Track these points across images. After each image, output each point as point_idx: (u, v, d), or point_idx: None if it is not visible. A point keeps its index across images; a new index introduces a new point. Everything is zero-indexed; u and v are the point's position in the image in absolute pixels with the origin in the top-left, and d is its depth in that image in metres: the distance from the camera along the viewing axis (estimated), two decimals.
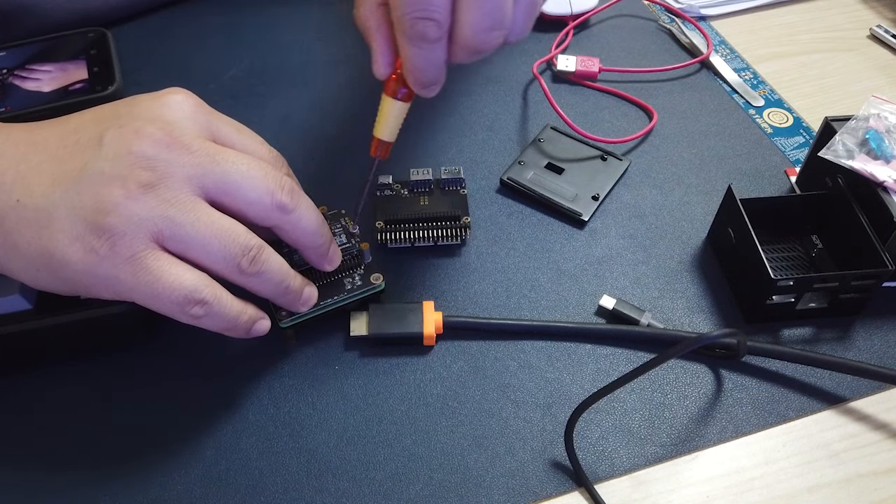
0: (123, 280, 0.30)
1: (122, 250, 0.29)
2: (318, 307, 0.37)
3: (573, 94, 0.52)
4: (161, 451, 0.35)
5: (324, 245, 0.35)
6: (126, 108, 0.32)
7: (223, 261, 0.31)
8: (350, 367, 0.38)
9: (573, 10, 0.56)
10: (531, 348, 0.39)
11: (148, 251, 0.29)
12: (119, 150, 0.30)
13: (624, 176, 0.47)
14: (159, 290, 0.30)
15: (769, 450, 0.35)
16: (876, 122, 0.41)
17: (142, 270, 0.29)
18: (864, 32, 0.57)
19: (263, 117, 0.50)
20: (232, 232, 0.31)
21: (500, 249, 0.43)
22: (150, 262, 0.29)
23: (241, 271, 0.31)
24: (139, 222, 0.29)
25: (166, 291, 0.30)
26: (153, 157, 0.30)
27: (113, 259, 0.29)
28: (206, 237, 0.30)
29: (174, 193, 0.30)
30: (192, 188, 0.30)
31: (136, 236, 0.29)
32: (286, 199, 0.32)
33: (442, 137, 0.49)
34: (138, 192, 0.29)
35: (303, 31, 0.57)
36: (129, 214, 0.29)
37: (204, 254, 0.31)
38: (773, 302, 0.38)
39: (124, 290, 0.30)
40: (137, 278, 0.29)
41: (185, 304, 0.30)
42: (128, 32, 0.55)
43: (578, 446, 0.35)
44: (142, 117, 0.31)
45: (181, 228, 0.30)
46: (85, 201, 0.29)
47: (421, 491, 0.34)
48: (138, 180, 0.29)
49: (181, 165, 0.30)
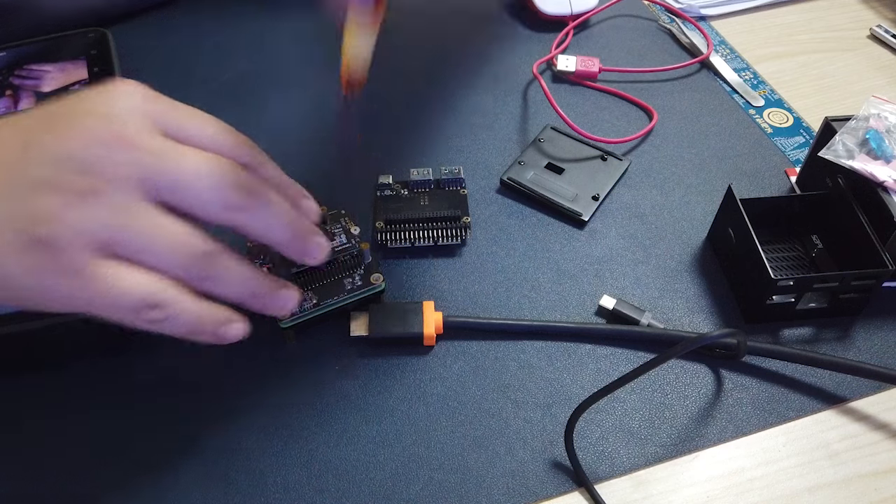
0: (73, 293, 0.27)
1: (66, 263, 0.26)
2: (319, 307, 0.37)
3: (573, 94, 0.52)
4: (161, 450, 0.35)
5: (295, 241, 0.32)
6: (66, 105, 0.29)
7: (176, 268, 0.28)
8: (350, 367, 0.38)
9: (573, 10, 0.56)
10: (531, 348, 0.39)
11: (94, 261, 0.27)
12: (55, 152, 0.27)
13: (624, 176, 0.47)
14: (112, 299, 0.27)
15: (769, 450, 0.35)
16: (876, 122, 0.41)
17: (91, 281, 0.27)
18: (864, 32, 0.57)
19: (263, 117, 0.50)
20: (181, 237, 0.28)
21: (500, 249, 0.43)
22: (98, 271, 0.27)
23: (196, 278, 0.29)
24: (80, 232, 0.26)
25: (119, 299, 0.27)
26: (90, 159, 0.27)
27: (58, 272, 0.27)
28: (155, 244, 0.28)
29: (116, 198, 0.27)
30: (137, 190, 0.27)
31: (79, 247, 0.26)
32: (240, 199, 0.29)
33: (442, 137, 0.49)
34: (76, 199, 0.26)
35: (302, 32, 0.57)
36: (69, 224, 0.26)
37: (155, 261, 0.28)
38: (773, 302, 0.38)
39: (78, 304, 0.28)
40: (87, 290, 0.27)
41: (141, 309, 0.28)
42: (128, 32, 0.55)
43: (578, 446, 0.35)
44: (81, 114, 0.28)
45: (126, 236, 0.27)
46: (20, 211, 0.26)
47: (421, 491, 0.34)
48: (75, 187, 0.27)
49: (123, 165, 0.27)
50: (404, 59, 0.54)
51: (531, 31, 0.57)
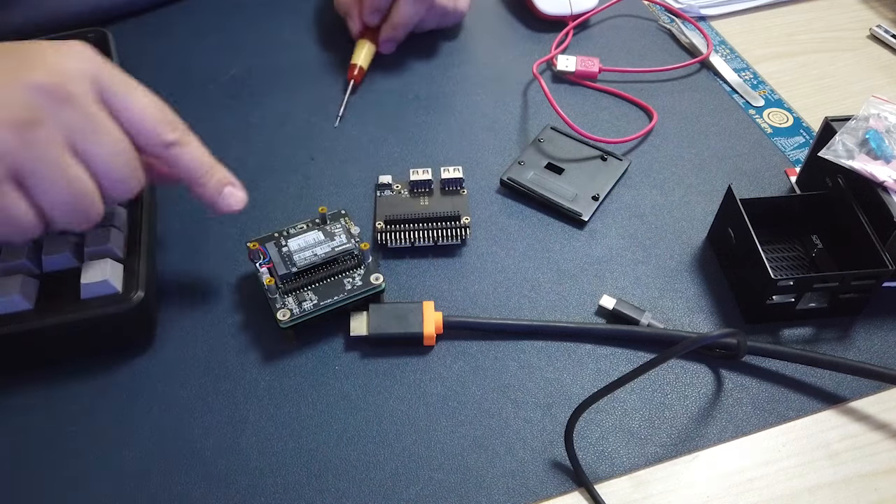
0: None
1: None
2: (319, 307, 0.37)
3: (573, 94, 0.52)
4: (161, 450, 0.35)
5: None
6: (21, 48, 0.33)
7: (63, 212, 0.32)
8: (350, 367, 0.38)
9: (573, 10, 0.56)
10: (531, 348, 0.39)
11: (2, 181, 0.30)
12: (8, 83, 0.30)
13: (624, 176, 0.47)
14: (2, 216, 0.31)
15: (769, 450, 0.35)
16: (876, 122, 0.41)
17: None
18: (864, 32, 0.57)
19: (263, 117, 0.50)
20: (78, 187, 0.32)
21: (500, 249, 0.43)
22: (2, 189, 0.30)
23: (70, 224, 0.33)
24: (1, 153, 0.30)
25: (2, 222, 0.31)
26: (35, 101, 0.30)
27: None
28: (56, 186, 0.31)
29: (42, 137, 0.30)
30: (61, 138, 0.31)
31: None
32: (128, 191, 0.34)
33: (442, 137, 0.49)
34: (11, 125, 0.30)
35: (302, 32, 0.57)
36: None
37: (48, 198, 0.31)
38: (773, 302, 0.38)
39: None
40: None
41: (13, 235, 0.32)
42: (128, 32, 0.55)
43: (578, 446, 0.35)
44: (36, 60, 0.32)
45: (38, 172, 0.31)
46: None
47: (421, 491, 0.34)
48: (16, 115, 0.30)
49: (58, 116, 0.31)
50: (404, 60, 0.54)
51: (531, 31, 0.57)
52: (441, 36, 0.56)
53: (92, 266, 0.36)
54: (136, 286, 0.36)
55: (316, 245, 0.39)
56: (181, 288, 0.41)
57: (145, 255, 0.38)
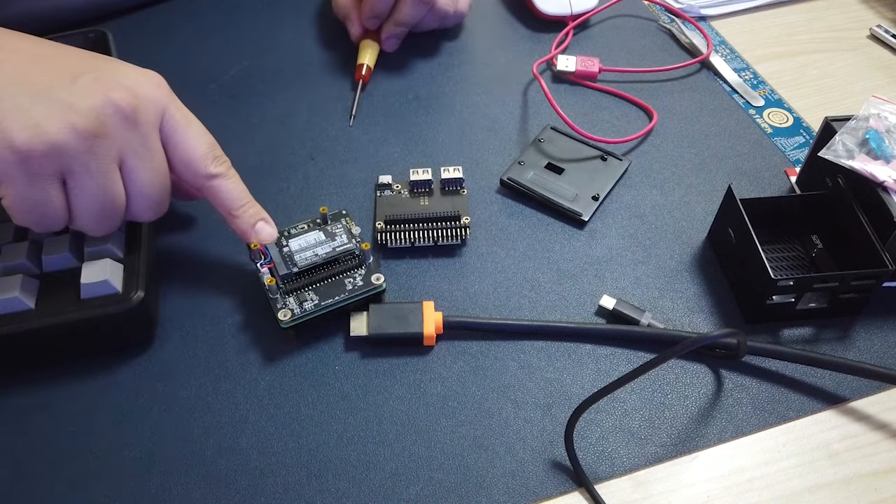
0: (12, 183, 0.32)
1: (30, 165, 0.31)
2: (320, 308, 0.37)
3: (573, 94, 0.52)
4: (161, 450, 0.35)
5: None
6: (108, 64, 0.36)
7: (90, 217, 0.34)
8: (350, 367, 0.38)
9: (573, 10, 0.56)
10: (531, 348, 0.39)
11: (50, 176, 0.32)
12: (89, 93, 0.33)
13: (624, 176, 0.47)
14: (31, 207, 0.33)
15: (769, 450, 0.35)
16: (876, 122, 0.41)
17: (34, 188, 0.32)
18: (864, 32, 0.57)
19: (263, 117, 0.50)
20: (114, 201, 0.34)
21: (500, 249, 0.43)
22: (46, 183, 0.32)
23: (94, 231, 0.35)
24: (63, 153, 0.32)
25: (37, 210, 0.33)
26: (109, 116, 0.33)
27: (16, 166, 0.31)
28: (96, 195, 0.33)
29: (104, 149, 0.33)
30: (117, 155, 0.34)
31: (52, 161, 0.32)
32: (151, 216, 0.37)
33: (442, 137, 0.49)
34: (83, 132, 0.32)
35: (302, 31, 0.57)
36: (57, 143, 0.31)
37: (84, 203, 0.34)
38: (773, 302, 0.38)
39: (10, 192, 0.32)
40: (28, 189, 0.32)
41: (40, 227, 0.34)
42: (128, 32, 0.55)
43: (578, 446, 0.35)
44: (118, 79, 0.34)
45: (86, 179, 0.33)
46: (34, 109, 0.32)
47: (421, 491, 0.34)
48: (89, 125, 0.32)
49: (123, 135, 0.34)
50: (404, 60, 0.54)
51: (531, 31, 0.57)
52: (441, 36, 0.56)
53: (92, 266, 0.36)
54: (136, 286, 0.36)
55: (317, 245, 0.39)
56: (181, 288, 0.41)
57: (145, 254, 0.38)
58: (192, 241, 0.43)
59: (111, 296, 0.36)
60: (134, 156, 0.34)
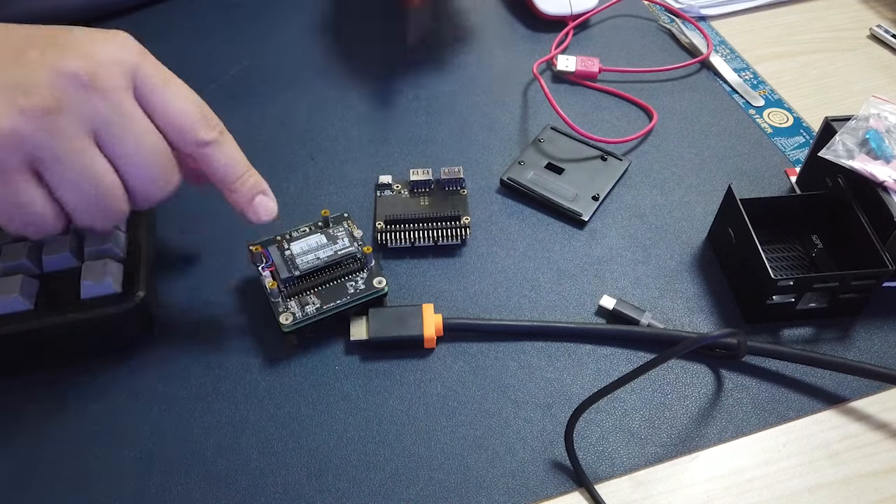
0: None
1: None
2: (322, 311, 0.37)
3: (573, 94, 0.52)
4: (161, 450, 0.35)
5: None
6: (62, 34, 0.31)
7: (85, 208, 0.31)
8: (350, 368, 0.38)
9: (573, 10, 0.56)
10: (531, 348, 0.39)
11: (16, 170, 0.29)
12: (36, 68, 0.29)
13: (624, 176, 0.47)
14: (9, 208, 0.30)
15: (769, 450, 0.35)
16: (876, 122, 0.41)
17: (4, 189, 0.29)
18: (864, 32, 0.57)
19: (263, 117, 0.50)
20: (103, 183, 0.31)
21: (500, 249, 0.43)
22: (14, 178, 0.29)
23: (92, 221, 0.32)
24: (20, 140, 0.29)
25: (16, 212, 0.30)
26: (64, 90, 0.29)
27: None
28: (78, 180, 0.30)
29: (67, 125, 0.29)
30: (87, 130, 0.30)
31: (11, 151, 0.29)
32: (160, 191, 0.33)
33: (442, 137, 0.49)
34: (34, 112, 0.29)
35: (303, 31, 0.57)
36: (14, 128, 0.28)
37: (70, 193, 0.30)
38: (773, 302, 0.38)
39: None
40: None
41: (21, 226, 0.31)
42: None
43: (578, 446, 0.35)
44: (75, 48, 0.30)
45: (58, 164, 0.30)
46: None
47: (421, 491, 0.34)
48: (40, 102, 0.29)
49: (89, 106, 0.30)
50: (404, 59, 0.54)
51: (531, 31, 0.57)
52: (441, 36, 0.56)
53: (92, 266, 0.36)
54: (137, 286, 0.36)
55: (318, 248, 0.39)
56: (182, 288, 0.41)
57: (146, 255, 0.38)
58: (193, 241, 0.43)
59: (111, 296, 0.36)
60: (107, 126, 0.30)
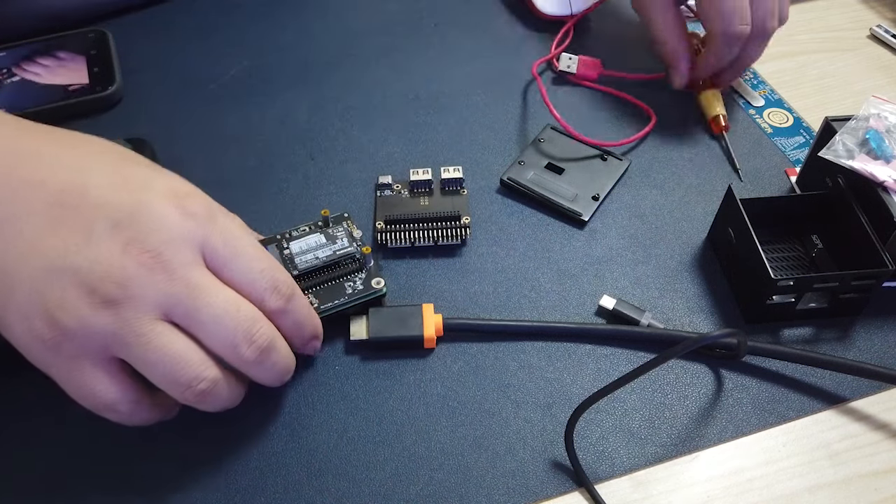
0: (55, 372, 0.30)
1: (65, 350, 0.29)
2: (320, 311, 0.37)
3: (573, 95, 0.52)
4: (160, 451, 0.35)
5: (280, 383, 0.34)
6: (133, 201, 0.30)
7: (168, 386, 0.30)
8: (350, 368, 0.38)
9: (573, 10, 0.56)
10: (531, 349, 0.39)
11: (90, 359, 0.30)
12: (102, 254, 0.29)
13: (624, 176, 0.47)
14: (83, 394, 0.30)
15: (769, 450, 0.35)
16: (876, 122, 0.41)
17: (76, 372, 0.30)
18: (864, 32, 0.57)
19: (263, 117, 0.50)
20: (182, 360, 0.30)
21: (500, 249, 0.43)
22: (87, 368, 0.30)
23: (185, 399, 0.31)
24: (90, 334, 0.29)
25: (87, 398, 0.30)
26: (130, 277, 0.29)
27: (55, 353, 0.29)
28: (153, 362, 0.30)
29: (135, 314, 0.29)
30: (157, 312, 0.30)
31: (84, 343, 0.29)
32: (250, 354, 0.31)
33: (442, 137, 0.49)
34: (101, 305, 0.29)
35: (302, 31, 0.57)
36: (83, 323, 0.29)
37: (150, 375, 0.30)
38: (773, 302, 0.38)
39: (55, 377, 0.31)
40: (69, 377, 0.30)
41: (99, 410, 0.31)
42: (128, 32, 0.55)
43: (578, 446, 0.35)
44: (141, 226, 0.30)
45: (130, 349, 0.29)
46: (49, 291, 0.29)
47: (421, 491, 0.34)
48: (105, 294, 0.29)
49: (154, 289, 0.29)
50: (404, 60, 0.54)
51: (531, 31, 0.57)
52: (441, 36, 0.56)
53: None
54: None
55: (318, 248, 0.39)
56: None
57: None
58: None
59: None
60: (178, 305, 0.30)
